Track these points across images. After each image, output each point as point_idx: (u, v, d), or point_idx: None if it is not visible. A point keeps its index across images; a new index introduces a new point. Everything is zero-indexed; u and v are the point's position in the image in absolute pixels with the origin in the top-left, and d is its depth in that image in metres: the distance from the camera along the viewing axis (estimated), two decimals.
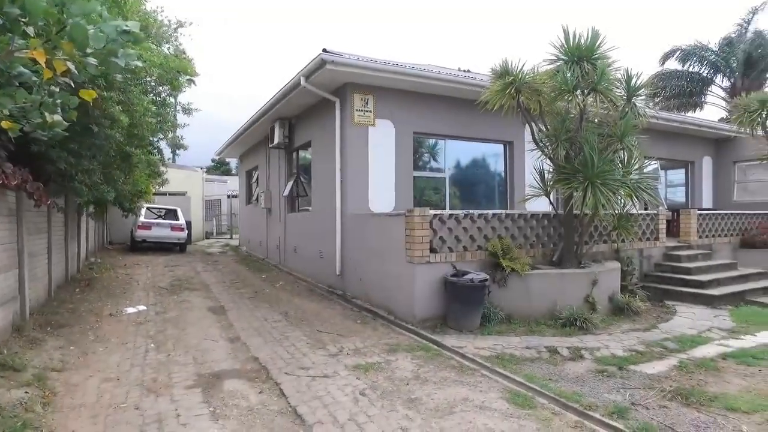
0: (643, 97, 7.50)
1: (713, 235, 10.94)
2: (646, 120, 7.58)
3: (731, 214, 11.55)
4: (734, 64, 22.87)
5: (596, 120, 7.56)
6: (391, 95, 9.21)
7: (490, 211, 7.43)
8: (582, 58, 6.75)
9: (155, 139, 11.28)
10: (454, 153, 10.22)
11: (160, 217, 18.55)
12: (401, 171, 9.31)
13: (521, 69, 7.11)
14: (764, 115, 11.42)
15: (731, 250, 11.26)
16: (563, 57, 7.00)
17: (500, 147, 10.65)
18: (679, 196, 15.03)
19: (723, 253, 10.94)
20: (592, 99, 6.95)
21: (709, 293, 8.03)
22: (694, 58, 23.53)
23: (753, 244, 11.35)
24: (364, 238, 8.38)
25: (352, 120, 8.90)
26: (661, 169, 14.39)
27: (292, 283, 10.84)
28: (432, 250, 6.84)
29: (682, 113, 21.35)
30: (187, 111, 11.36)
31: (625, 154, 7.20)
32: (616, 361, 5.26)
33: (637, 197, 7.29)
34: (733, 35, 23.13)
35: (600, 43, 6.85)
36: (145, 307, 8.08)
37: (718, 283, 8.53)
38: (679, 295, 8.31)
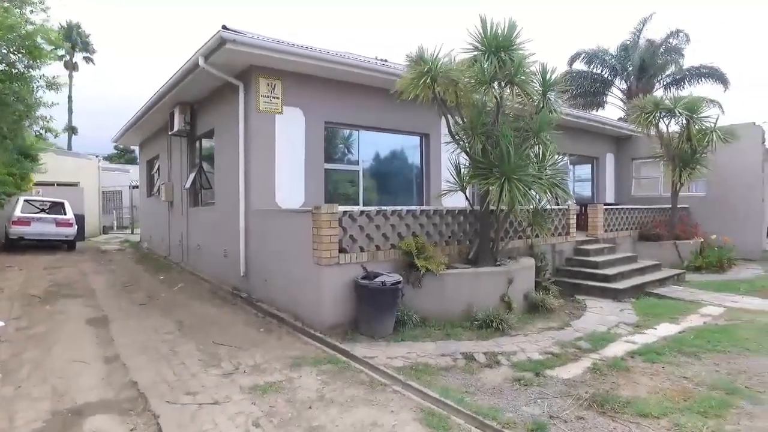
0: (557, 92, 7.44)
1: (617, 229, 11.45)
2: (560, 116, 7.56)
3: (632, 208, 12.18)
4: (630, 69, 24.58)
5: (512, 114, 7.40)
6: (301, 81, 8.52)
7: (404, 208, 7.03)
8: (499, 49, 6.49)
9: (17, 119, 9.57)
10: (370, 145, 9.75)
11: (42, 210, 16.36)
12: (312, 163, 8.67)
13: (437, 57, 6.74)
14: (657, 117, 12.18)
15: (631, 242, 11.87)
16: (481, 47, 6.71)
17: (417, 139, 10.33)
18: (585, 190, 15.74)
19: (625, 245, 11.49)
20: (509, 91, 6.76)
21: (614, 287, 8.26)
22: (597, 61, 25.01)
23: (649, 237, 12.05)
24: (269, 237, 7.66)
25: (258, 107, 8.10)
26: (570, 164, 14.96)
27: (193, 285, 9.83)
28: (342, 251, 6.30)
29: (588, 111, 22.55)
30: (52, 86, 9.68)
31: (540, 149, 7.10)
32: (532, 366, 5.05)
33: (551, 193, 7.24)
34: (629, 42, 24.82)
35: (517, 35, 6.64)
36: (2, 323, 6.79)
37: (622, 276, 8.82)
38: (588, 289, 8.48)
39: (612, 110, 26.55)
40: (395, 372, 4.84)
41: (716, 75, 23.38)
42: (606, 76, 25.06)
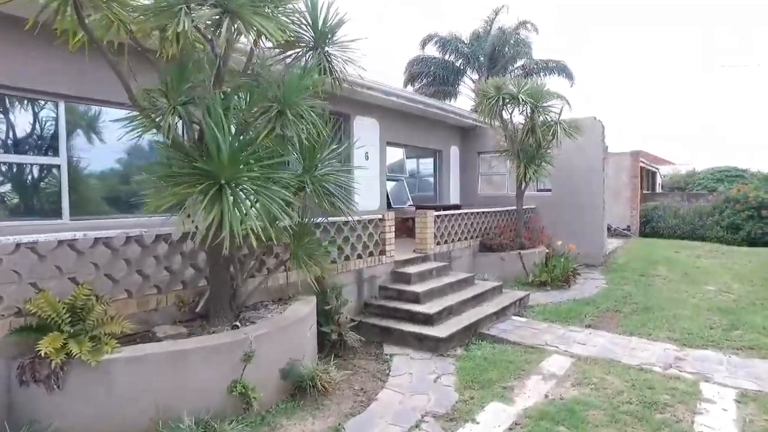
0: (343, 44, 4.78)
1: (454, 240, 9.34)
2: (342, 80, 4.91)
3: (472, 213, 10.21)
4: (482, 58, 23.72)
5: (265, 80, 4.55)
6: None
7: (53, 236, 3.83)
8: None
9: None
10: (88, 127, 6.31)
11: None
12: None
13: None
14: (500, 104, 10.41)
15: (471, 256, 9.91)
16: None
17: None
18: (428, 188, 13.76)
19: (462, 261, 9.44)
20: (228, 35, 3.89)
21: (435, 335, 5.82)
22: (451, 48, 23.76)
23: (491, 247, 10.23)
24: None
25: None
26: (412, 157, 12.79)
27: None
28: None
29: (440, 101, 21.01)
30: None
31: (301, 132, 4.30)
32: None
33: (328, 203, 4.58)
34: (481, 31, 23.97)
35: None
36: None
37: (449, 313, 6.51)
38: (402, 336, 6.01)
39: (464, 101, 25.42)
40: None
41: (563, 70, 23.41)
42: (458, 65, 23.95)
